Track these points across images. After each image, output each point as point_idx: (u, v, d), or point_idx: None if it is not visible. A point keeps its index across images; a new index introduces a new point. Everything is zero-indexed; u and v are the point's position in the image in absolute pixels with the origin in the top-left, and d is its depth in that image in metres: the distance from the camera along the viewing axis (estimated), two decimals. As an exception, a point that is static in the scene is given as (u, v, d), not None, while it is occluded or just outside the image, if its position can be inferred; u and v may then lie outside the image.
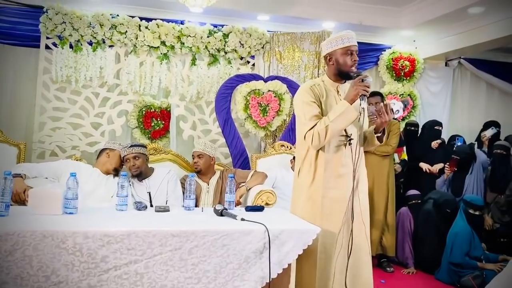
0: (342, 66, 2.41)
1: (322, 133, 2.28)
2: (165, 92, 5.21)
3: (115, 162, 3.37)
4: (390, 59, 5.88)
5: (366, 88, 2.24)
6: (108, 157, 3.37)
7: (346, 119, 2.27)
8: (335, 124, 2.27)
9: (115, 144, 3.48)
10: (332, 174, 2.39)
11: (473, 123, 6.19)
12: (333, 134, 2.30)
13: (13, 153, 3.99)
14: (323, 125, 2.28)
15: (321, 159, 2.40)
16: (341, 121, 2.27)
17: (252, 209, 2.61)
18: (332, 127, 2.26)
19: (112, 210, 2.44)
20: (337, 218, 2.39)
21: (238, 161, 4.59)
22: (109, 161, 3.36)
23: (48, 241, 1.84)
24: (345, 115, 2.26)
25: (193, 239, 2.00)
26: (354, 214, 2.38)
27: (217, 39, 5.06)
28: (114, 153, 3.39)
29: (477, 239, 3.93)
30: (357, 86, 2.26)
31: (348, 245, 2.35)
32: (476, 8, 4.55)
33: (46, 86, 4.74)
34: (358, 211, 2.43)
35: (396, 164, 4.62)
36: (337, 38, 2.42)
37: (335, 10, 5.16)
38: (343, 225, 2.38)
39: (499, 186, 4.39)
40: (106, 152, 3.39)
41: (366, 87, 2.24)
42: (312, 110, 2.36)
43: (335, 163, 2.39)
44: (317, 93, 2.40)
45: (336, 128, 2.28)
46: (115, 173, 3.36)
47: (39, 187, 2.36)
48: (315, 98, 2.39)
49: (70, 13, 4.65)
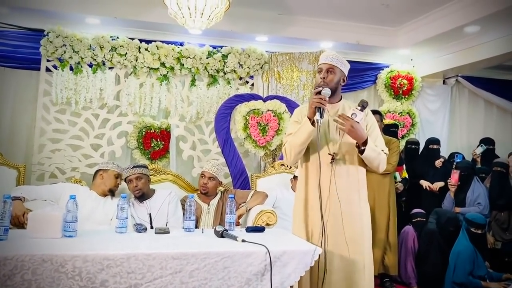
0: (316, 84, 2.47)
1: (287, 148, 2.40)
2: (165, 113, 5.24)
3: (109, 182, 3.32)
4: (388, 78, 5.93)
5: (321, 100, 2.27)
6: (102, 178, 3.33)
7: (300, 131, 2.34)
8: (293, 138, 2.37)
9: (108, 164, 3.43)
10: (315, 194, 2.37)
11: (472, 140, 6.21)
12: (294, 149, 2.37)
13: (13, 176, 3.99)
14: (286, 141, 2.41)
15: (310, 177, 2.44)
16: (297, 135, 2.35)
17: (252, 230, 2.59)
18: (290, 141, 2.38)
19: (112, 233, 2.42)
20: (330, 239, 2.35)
21: (238, 180, 4.58)
22: (104, 182, 3.32)
23: (47, 265, 1.82)
24: (301, 128, 2.35)
25: (193, 262, 1.98)
26: (346, 235, 2.35)
27: (216, 60, 5.10)
28: (107, 173, 3.33)
29: (481, 258, 3.89)
30: (312, 98, 2.31)
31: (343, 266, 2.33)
32: (472, 27, 4.61)
33: (46, 108, 4.76)
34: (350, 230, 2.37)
35: (398, 182, 4.61)
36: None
37: (333, 30, 5.23)
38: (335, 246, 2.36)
39: (498, 203, 4.37)
40: (100, 174, 3.35)
41: (320, 99, 2.27)
42: (292, 129, 2.45)
43: (319, 182, 2.36)
44: (304, 114, 2.42)
45: (293, 142, 2.36)
46: (111, 194, 3.33)
47: (39, 210, 2.34)
48: (300, 118, 2.45)
49: (71, 36, 4.70)
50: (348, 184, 2.40)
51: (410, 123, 5.93)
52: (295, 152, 2.38)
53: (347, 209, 2.39)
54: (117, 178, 3.36)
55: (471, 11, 4.37)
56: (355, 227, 2.39)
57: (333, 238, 2.35)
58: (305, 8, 4.81)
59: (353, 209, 2.41)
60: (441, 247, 4.09)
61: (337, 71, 2.43)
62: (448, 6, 4.59)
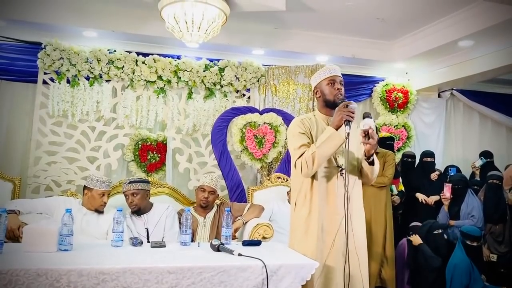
0: (327, 96, 2.46)
1: (310, 160, 2.28)
2: (162, 126, 5.24)
3: (94, 202, 3.14)
4: (383, 91, 5.98)
5: (350, 114, 2.26)
6: (88, 197, 3.15)
7: (332, 144, 2.28)
8: (321, 150, 2.27)
9: (93, 181, 3.15)
10: (325, 206, 2.37)
11: (467, 153, 6.26)
12: (320, 160, 2.29)
13: (8, 189, 3.96)
14: (310, 152, 2.29)
15: (315, 190, 2.39)
16: (327, 147, 2.27)
17: (249, 243, 2.59)
18: (319, 152, 2.27)
19: (108, 246, 2.40)
20: (333, 251, 2.35)
21: (235, 193, 4.58)
22: (89, 201, 3.15)
23: (42, 280, 1.80)
24: (330, 140, 2.27)
25: (189, 276, 1.97)
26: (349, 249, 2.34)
27: (213, 73, 5.13)
28: (92, 193, 3.13)
29: (477, 271, 3.88)
30: (341, 111, 2.28)
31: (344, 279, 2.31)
32: (466, 41, 4.68)
33: (42, 120, 4.76)
34: (352, 244, 2.37)
35: (395, 195, 4.62)
36: (320, 72, 2.50)
37: (328, 44, 5.29)
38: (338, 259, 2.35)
39: (493, 216, 4.38)
40: (85, 192, 3.17)
41: (350, 113, 2.26)
42: (301, 140, 2.38)
43: (327, 194, 2.38)
44: (307, 126, 2.43)
45: (322, 153, 2.27)
46: (98, 212, 3.17)
47: (34, 224, 2.33)
48: (305, 130, 2.42)
49: (68, 49, 4.72)
50: (352, 197, 2.40)
51: (406, 136, 5.97)
52: (320, 163, 2.31)
53: (353, 221, 2.38)
54: (103, 196, 3.16)
55: (465, 26, 4.44)
56: (358, 239, 2.40)
57: (337, 250, 2.34)
58: (301, 22, 4.87)
59: (357, 221, 2.43)
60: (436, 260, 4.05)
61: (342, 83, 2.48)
62: (442, 21, 4.65)
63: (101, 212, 3.19)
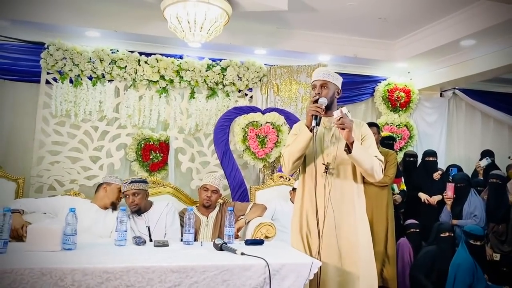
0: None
1: (284, 157, 2.47)
2: (164, 125, 5.25)
3: (112, 196, 3.35)
4: (385, 91, 5.97)
5: (317, 108, 2.33)
6: (106, 191, 3.35)
7: (299, 139, 2.41)
8: (291, 147, 2.44)
9: (112, 178, 3.45)
10: (311, 205, 2.43)
11: (469, 152, 6.26)
12: (290, 157, 2.42)
13: (12, 188, 3.99)
14: (284, 150, 2.50)
15: (305, 187, 2.51)
16: (295, 143, 2.42)
17: (252, 242, 2.60)
18: (289, 149, 2.45)
19: (111, 246, 2.42)
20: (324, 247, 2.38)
21: (237, 192, 4.59)
22: (107, 195, 3.34)
23: (46, 279, 1.82)
24: (300, 135, 2.41)
25: (192, 275, 1.98)
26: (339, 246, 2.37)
27: (215, 72, 5.14)
28: (111, 187, 3.36)
29: (480, 270, 3.87)
30: (309, 107, 2.37)
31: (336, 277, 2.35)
32: (468, 41, 4.67)
33: (45, 120, 4.77)
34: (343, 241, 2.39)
35: (396, 194, 4.62)
36: None
37: (330, 43, 5.29)
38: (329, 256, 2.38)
39: (496, 215, 4.38)
40: (103, 187, 3.37)
41: (317, 107, 2.33)
42: (290, 140, 2.53)
43: (312, 191, 2.43)
44: (303, 127, 2.46)
45: (290, 150, 2.43)
46: (113, 207, 3.34)
47: (38, 223, 2.35)
48: (299, 131, 2.49)
49: (71, 49, 4.74)
50: (341, 196, 2.43)
51: (408, 135, 5.96)
52: (293, 159, 2.42)
53: (341, 221, 2.41)
54: (120, 191, 3.38)
55: (467, 25, 4.43)
56: (349, 238, 2.41)
57: (326, 249, 2.38)
58: (303, 22, 4.87)
59: (347, 221, 2.43)
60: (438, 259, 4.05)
61: (330, 85, 2.48)
62: (444, 20, 4.65)
63: (115, 207, 3.33)
